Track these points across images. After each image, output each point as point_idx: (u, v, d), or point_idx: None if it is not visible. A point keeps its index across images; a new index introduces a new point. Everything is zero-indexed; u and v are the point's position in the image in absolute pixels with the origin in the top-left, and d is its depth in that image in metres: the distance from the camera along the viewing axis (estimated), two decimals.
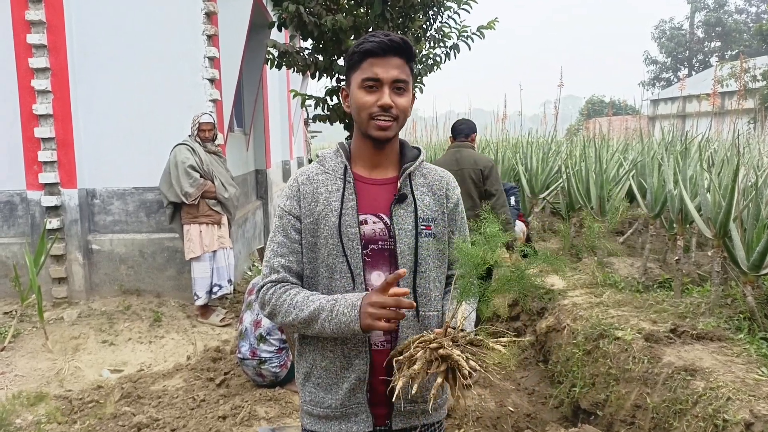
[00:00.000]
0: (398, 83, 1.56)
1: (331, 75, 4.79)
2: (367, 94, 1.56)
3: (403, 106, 1.57)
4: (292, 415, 3.66)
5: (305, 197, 1.63)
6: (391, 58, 1.55)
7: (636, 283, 5.20)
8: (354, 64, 1.60)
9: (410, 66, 1.60)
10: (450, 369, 1.33)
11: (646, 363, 3.46)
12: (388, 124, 1.56)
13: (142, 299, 5.65)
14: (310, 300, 1.54)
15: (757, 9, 44.88)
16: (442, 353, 1.33)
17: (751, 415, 2.64)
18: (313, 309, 1.52)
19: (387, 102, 1.53)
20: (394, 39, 1.55)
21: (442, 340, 1.37)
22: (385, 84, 1.54)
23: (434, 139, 17.18)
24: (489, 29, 4.88)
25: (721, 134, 9.24)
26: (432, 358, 1.34)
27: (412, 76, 1.63)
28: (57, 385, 4.34)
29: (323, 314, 1.51)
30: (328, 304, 1.51)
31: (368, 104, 1.55)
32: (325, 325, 1.51)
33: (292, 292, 1.58)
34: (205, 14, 5.61)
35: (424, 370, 1.33)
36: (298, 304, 1.55)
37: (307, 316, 1.53)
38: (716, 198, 4.10)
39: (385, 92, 1.54)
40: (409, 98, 1.60)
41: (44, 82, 5.40)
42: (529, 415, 3.96)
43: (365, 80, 1.55)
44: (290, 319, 1.56)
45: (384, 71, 1.54)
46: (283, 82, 11.11)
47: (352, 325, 1.46)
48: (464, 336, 1.40)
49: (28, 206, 5.61)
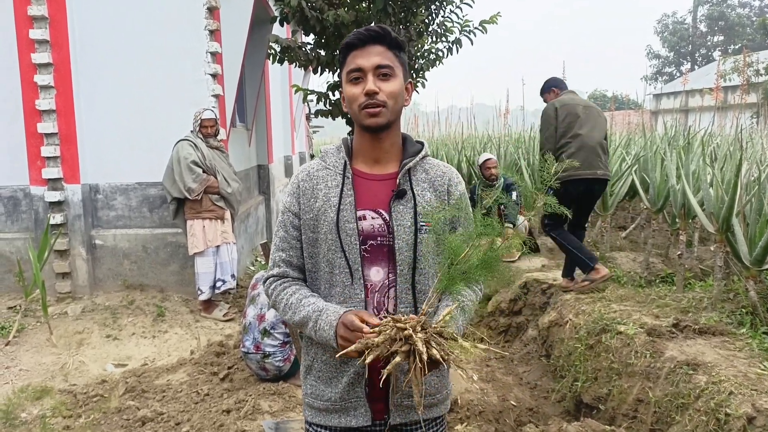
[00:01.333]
0: (381, 68, 1.57)
1: (333, 70, 4.78)
2: (354, 86, 1.58)
3: (390, 91, 1.57)
4: (295, 409, 3.68)
5: (304, 194, 1.65)
6: (371, 46, 1.58)
7: (638, 277, 5.21)
8: (341, 62, 1.64)
9: (395, 53, 1.61)
10: (412, 352, 1.33)
11: (648, 357, 3.47)
12: (376, 111, 1.56)
13: (145, 294, 5.67)
14: (302, 305, 1.60)
15: (761, 3, 44.68)
16: (406, 334, 1.34)
17: (753, 410, 2.65)
18: (303, 316, 1.58)
19: (371, 88, 1.55)
20: (370, 28, 1.59)
21: (412, 323, 1.37)
22: (368, 72, 1.56)
23: (436, 134, 17.15)
24: (491, 23, 4.87)
25: (724, 129, 9.22)
26: (396, 337, 1.34)
27: (403, 64, 1.64)
28: (61, 380, 4.36)
29: (310, 324, 1.56)
30: (314, 315, 1.56)
31: (356, 95, 1.57)
32: (313, 334, 1.57)
33: (289, 291, 1.64)
34: (207, 9, 5.61)
35: (385, 345, 1.34)
36: (293, 306, 1.61)
37: (299, 321, 1.60)
38: (719, 193, 4.10)
39: (369, 79, 1.56)
40: (396, 84, 1.59)
41: (47, 78, 5.40)
42: (531, 410, 3.97)
43: (349, 73, 1.59)
44: (287, 318, 1.65)
45: (365, 60, 1.56)
46: (284, 77, 11.10)
47: (331, 342, 1.51)
48: (435, 327, 1.40)
49: (31, 201, 5.62)
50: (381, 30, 1.59)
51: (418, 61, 4.87)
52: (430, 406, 1.69)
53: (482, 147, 10.50)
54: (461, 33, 4.89)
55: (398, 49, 1.62)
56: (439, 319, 1.44)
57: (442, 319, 1.43)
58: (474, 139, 12.42)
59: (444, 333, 1.39)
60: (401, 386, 1.61)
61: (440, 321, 1.43)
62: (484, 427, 3.51)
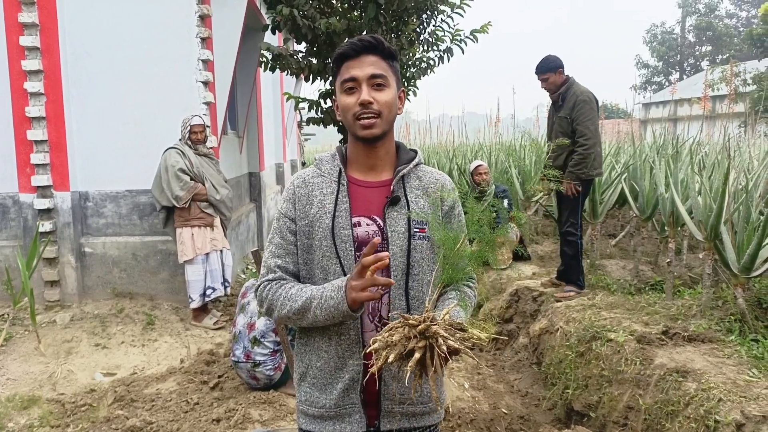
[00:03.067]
0: (375, 78, 1.58)
1: (324, 78, 4.79)
2: (348, 96, 1.60)
3: (384, 101, 1.59)
4: (286, 417, 3.66)
5: (300, 200, 1.66)
6: (364, 56, 1.59)
7: (628, 285, 5.24)
8: (335, 72, 1.65)
9: (388, 63, 1.62)
10: (429, 347, 1.33)
11: (638, 365, 3.48)
12: (371, 122, 1.58)
13: (135, 302, 5.63)
14: (303, 291, 1.59)
15: (748, 14, 45.21)
16: (421, 328, 1.33)
17: (742, 416, 2.67)
18: (305, 298, 1.56)
19: (365, 98, 1.56)
20: (364, 38, 1.60)
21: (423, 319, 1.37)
22: (362, 82, 1.57)
23: (428, 142, 17.19)
24: (482, 33, 4.90)
25: (711, 138, 9.31)
26: (411, 335, 1.34)
27: (395, 74, 1.65)
28: (50, 389, 4.32)
29: (314, 302, 1.54)
30: (318, 291, 1.55)
31: (350, 105, 1.59)
32: (317, 313, 1.54)
33: (287, 286, 1.63)
34: (198, 17, 5.61)
35: (402, 344, 1.34)
36: (292, 296, 1.59)
37: (300, 306, 1.57)
38: (707, 201, 4.14)
39: (363, 90, 1.57)
40: (390, 93, 1.61)
41: (37, 85, 5.38)
42: (522, 417, 3.97)
43: (344, 83, 1.60)
44: (285, 311, 1.60)
45: (359, 70, 1.58)
46: (276, 84, 11.11)
47: (340, 306, 1.49)
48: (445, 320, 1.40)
49: (20, 209, 5.58)
50: (374, 40, 1.60)
51: (410, 69, 4.89)
52: (422, 414, 1.69)
53: (473, 155, 10.54)
54: (452, 42, 4.92)
55: (391, 59, 1.64)
56: (443, 313, 1.45)
57: (446, 312, 1.44)
58: (465, 147, 12.47)
59: (454, 324, 1.39)
60: (392, 392, 1.62)
61: (445, 313, 1.43)
62: None
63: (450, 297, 1.60)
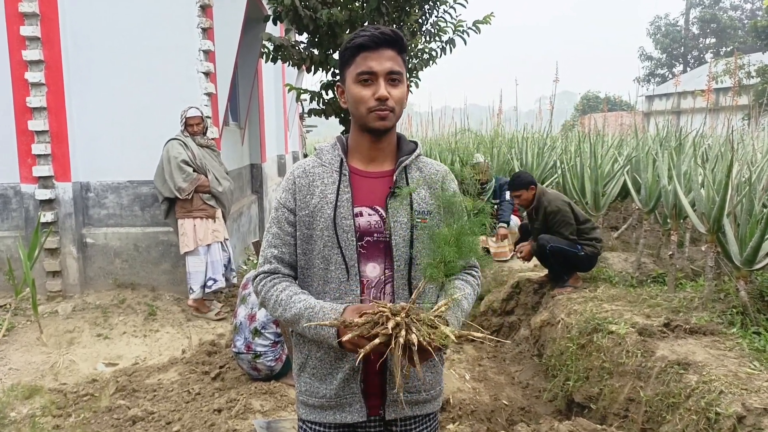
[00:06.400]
0: (392, 74, 1.57)
1: (326, 69, 4.77)
2: (363, 88, 1.57)
3: (399, 98, 1.58)
4: (287, 408, 3.67)
5: (300, 190, 1.65)
6: (383, 50, 1.57)
7: (630, 277, 5.23)
8: (348, 60, 1.61)
9: (402, 57, 1.62)
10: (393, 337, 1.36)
11: (639, 357, 3.48)
12: (386, 114, 1.57)
13: (136, 293, 5.64)
14: (292, 302, 1.58)
15: (752, 6, 44.88)
16: (387, 316, 1.37)
17: (743, 409, 2.67)
18: (294, 313, 1.56)
19: (383, 94, 1.55)
20: (385, 31, 1.57)
21: (395, 309, 1.40)
22: (380, 76, 1.56)
23: (429, 134, 17.15)
24: (485, 24, 4.87)
25: (715, 130, 9.26)
26: (379, 321, 1.37)
27: (406, 68, 1.65)
28: (52, 379, 4.33)
29: (302, 322, 1.55)
30: (306, 312, 1.54)
31: (365, 98, 1.57)
32: (306, 331, 1.56)
33: (279, 288, 1.62)
34: (199, 7, 5.58)
35: (366, 327, 1.37)
36: (282, 303, 1.59)
37: (290, 318, 1.58)
38: (710, 193, 4.12)
39: (380, 84, 1.55)
40: (403, 90, 1.61)
41: (38, 75, 5.36)
42: (523, 409, 3.98)
43: (360, 74, 1.57)
44: (277, 315, 1.63)
45: (378, 64, 1.56)
46: (278, 75, 11.07)
47: (329, 340, 1.52)
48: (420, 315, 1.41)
49: (21, 199, 5.58)
50: (394, 34, 1.58)
51: (412, 60, 4.87)
52: (424, 401, 1.71)
53: (474, 147, 10.51)
54: (455, 33, 4.89)
55: (405, 54, 1.64)
56: (434, 310, 1.45)
57: (436, 309, 1.45)
58: (467, 138, 12.42)
59: (427, 320, 1.40)
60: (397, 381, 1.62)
61: (434, 311, 1.44)
62: (475, 427, 3.51)
63: (456, 286, 1.62)
